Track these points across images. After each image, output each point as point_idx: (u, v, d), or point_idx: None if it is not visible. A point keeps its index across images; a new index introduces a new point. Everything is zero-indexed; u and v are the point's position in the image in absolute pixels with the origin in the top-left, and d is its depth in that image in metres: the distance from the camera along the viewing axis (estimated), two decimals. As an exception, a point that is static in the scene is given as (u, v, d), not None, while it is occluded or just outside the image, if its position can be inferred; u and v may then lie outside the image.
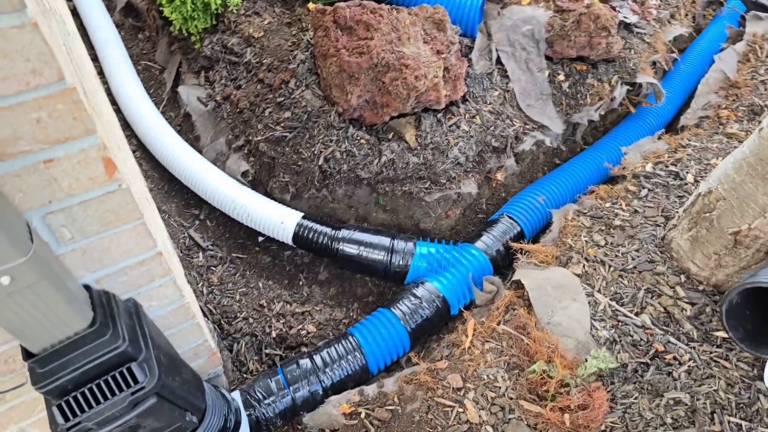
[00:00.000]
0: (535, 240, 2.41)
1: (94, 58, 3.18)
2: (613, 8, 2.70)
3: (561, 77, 2.49)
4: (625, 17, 2.69)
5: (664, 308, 1.70)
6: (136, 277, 1.10)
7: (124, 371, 0.98)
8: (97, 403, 0.97)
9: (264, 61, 2.48)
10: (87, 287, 1.01)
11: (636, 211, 2.02)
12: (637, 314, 1.70)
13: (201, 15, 2.62)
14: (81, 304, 0.92)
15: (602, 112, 2.56)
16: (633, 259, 1.84)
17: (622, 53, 2.56)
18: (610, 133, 2.76)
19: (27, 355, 0.92)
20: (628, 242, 1.90)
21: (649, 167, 2.21)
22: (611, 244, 1.91)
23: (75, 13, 3.38)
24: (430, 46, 2.18)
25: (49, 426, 0.95)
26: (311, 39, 2.43)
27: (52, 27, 0.80)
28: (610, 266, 1.83)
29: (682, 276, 1.76)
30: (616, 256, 1.86)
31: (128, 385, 0.99)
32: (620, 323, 1.68)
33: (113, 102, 2.90)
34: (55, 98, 0.74)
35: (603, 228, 1.97)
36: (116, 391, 0.98)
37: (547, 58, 2.48)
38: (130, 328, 1.03)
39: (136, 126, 2.67)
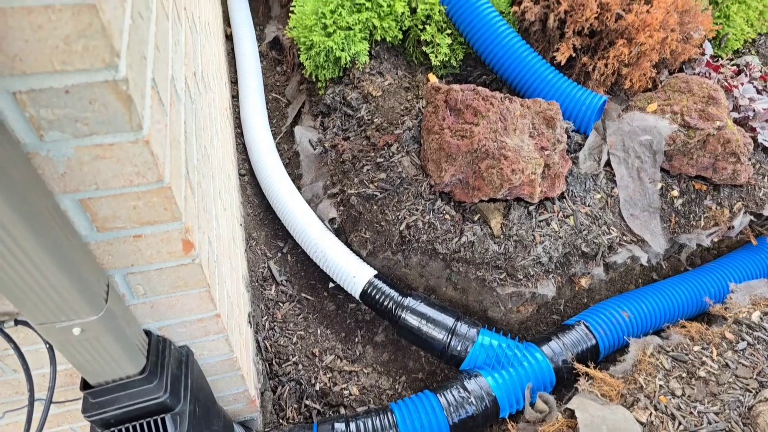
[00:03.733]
0: (608, 359, 2.25)
1: (235, 81, 3.54)
2: (753, 129, 2.47)
3: (675, 192, 2.32)
4: (765, 140, 2.45)
5: (733, 492, 1.49)
6: (194, 331, 1.20)
7: (159, 420, 1.08)
8: (130, 442, 1.07)
9: (375, 120, 2.61)
10: (148, 333, 1.13)
11: (727, 365, 1.80)
12: (698, 488, 1.51)
13: (331, 66, 2.82)
14: (136, 353, 1.04)
15: (716, 239, 2.34)
16: (709, 422, 1.64)
17: (752, 180, 2.33)
18: (722, 260, 2.50)
19: (85, 385, 1.05)
20: (708, 401, 1.70)
21: (755, 316, 1.97)
22: (688, 397, 1.72)
23: (230, 36, 3.81)
24: (535, 141, 2.15)
25: (87, 451, 1.07)
26: (423, 108, 2.51)
27: (168, 128, 0.93)
28: (680, 423, 1.65)
29: (764, 460, 1.54)
30: (691, 413, 1.67)
31: (159, 433, 1.08)
32: (675, 492, 1.50)
33: (238, 125, 3.20)
34: (152, 193, 0.85)
35: (684, 375, 1.79)
36: (148, 436, 1.08)
37: (663, 170, 2.33)
38: (174, 379, 1.13)
39: (251, 152, 2.92)
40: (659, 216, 2.31)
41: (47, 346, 0.97)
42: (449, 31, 2.72)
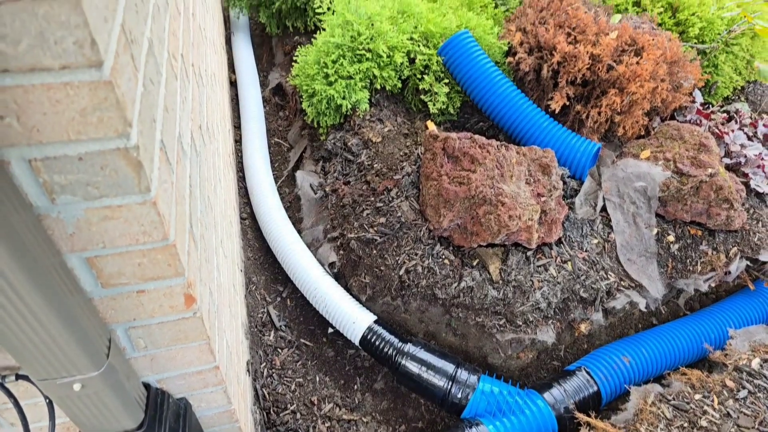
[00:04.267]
0: (609, 407, 2.22)
1: (238, 126, 3.64)
2: (746, 174, 2.52)
3: (671, 237, 2.34)
4: (757, 185, 2.50)
5: None
6: (193, 383, 1.21)
7: (155, 476, 1.07)
8: (125, 499, 1.06)
9: (375, 165, 2.66)
10: (147, 386, 1.13)
11: (728, 415, 1.78)
12: None
13: (332, 113, 2.90)
14: (135, 407, 1.04)
15: (713, 284, 2.35)
16: (713, 474, 1.61)
17: (746, 225, 2.36)
18: (720, 304, 2.50)
19: (82, 441, 1.04)
20: (711, 451, 1.68)
21: (755, 363, 1.96)
22: (691, 447, 1.69)
23: (235, 82, 3.93)
24: (532, 187, 2.19)
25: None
26: (422, 154, 2.56)
27: (174, 185, 0.96)
28: (683, 475, 1.62)
29: None
30: (694, 464, 1.65)
31: (155, 490, 1.07)
32: None
33: (241, 169, 3.26)
34: (157, 251, 0.88)
35: (685, 425, 1.77)
36: (143, 493, 1.06)
37: (658, 215, 2.36)
38: (172, 433, 1.13)
39: (253, 196, 2.96)
40: (656, 261, 2.32)
41: (47, 401, 0.97)
42: (446, 81, 2.81)
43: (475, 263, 2.28)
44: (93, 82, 0.66)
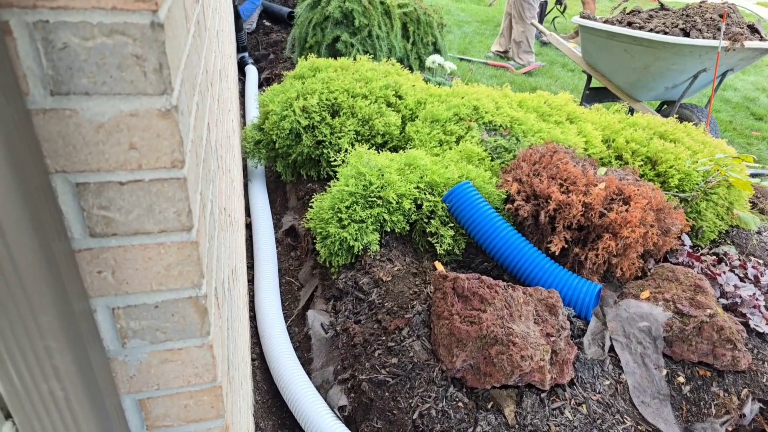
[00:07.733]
0: None
1: (251, 266, 3.78)
2: (744, 315, 2.60)
3: (681, 379, 2.34)
4: (756, 325, 2.56)
5: None
6: None
7: None
8: None
9: (386, 304, 2.75)
10: None
11: None
12: None
13: (344, 254, 3.07)
14: None
15: (730, 428, 2.29)
16: None
17: (753, 365, 2.38)
18: (746, 452, 2.41)
19: None
20: None
21: None
22: None
23: (249, 225, 4.17)
24: (540, 327, 2.26)
25: None
26: (431, 293, 2.67)
27: (221, 328, 1.05)
28: None
29: None
30: None
31: None
32: None
33: (252, 308, 3.33)
34: (204, 392, 0.94)
35: None
36: None
37: (666, 356, 2.39)
38: None
39: (262, 337, 2.99)
40: (670, 404, 2.30)
41: None
42: (451, 224, 3.02)
43: (489, 406, 2.25)
44: (182, 242, 0.80)
